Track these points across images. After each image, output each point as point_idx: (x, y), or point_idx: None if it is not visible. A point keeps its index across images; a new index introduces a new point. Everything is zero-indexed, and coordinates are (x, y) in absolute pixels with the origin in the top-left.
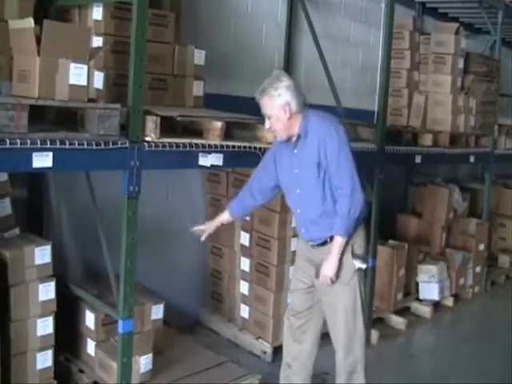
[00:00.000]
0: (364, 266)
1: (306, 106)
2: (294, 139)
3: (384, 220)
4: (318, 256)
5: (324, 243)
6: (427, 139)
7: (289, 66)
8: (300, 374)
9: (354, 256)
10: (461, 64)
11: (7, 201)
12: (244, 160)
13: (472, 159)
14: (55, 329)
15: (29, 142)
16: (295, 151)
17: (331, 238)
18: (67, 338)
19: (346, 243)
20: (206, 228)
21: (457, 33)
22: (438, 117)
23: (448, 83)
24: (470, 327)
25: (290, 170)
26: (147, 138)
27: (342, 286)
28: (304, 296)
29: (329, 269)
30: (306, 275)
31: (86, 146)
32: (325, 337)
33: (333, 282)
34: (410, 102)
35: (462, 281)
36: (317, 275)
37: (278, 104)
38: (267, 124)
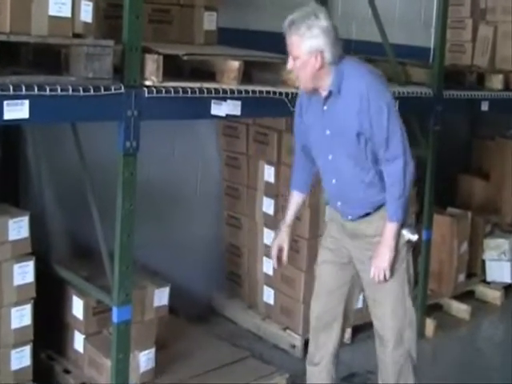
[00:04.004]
0: (415, 238)
1: (342, 55)
2: (323, 94)
3: (442, 182)
4: (356, 228)
5: (366, 215)
6: (496, 81)
7: None
8: (325, 370)
9: (404, 225)
10: None
11: None
12: (267, 108)
13: None
14: (34, 320)
15: None
16: (325, 108)
17: (374, 209)
18: (50, 331)
19: None
20: (281, 242)
21: None
22: (509, 53)
23: None
24: None
25: (320, 129)
26: (147, 82)
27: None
28: (336, 272)
29: (383, 261)
30: (342, 248)
31: (71, 92)
32: (362, 329)
33: (386, 279)
34: (475, 36)
35: None
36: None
37: (309, 48)
38: (290, 64)
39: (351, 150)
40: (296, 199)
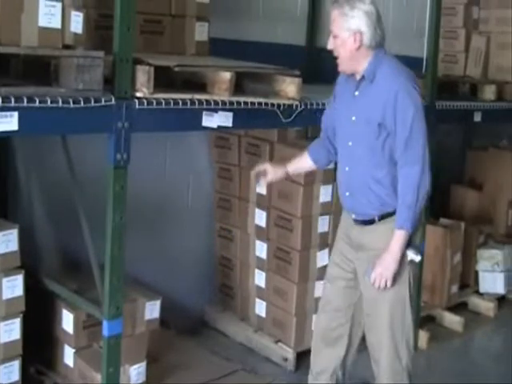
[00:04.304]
0: (419, 259)
1: (383, 47)
2: (357, 78)
3: (435, 193)
4: (360, 237)
5: (370, 222)
6: (489, 92)
7: (315, 2)
8: None
9: (407, 245)
10: None
11: None
12: (259, 120)
13: None
14: (24, 334)
15: None
16: (356, 93)
17: (381, 217)
18: (39, 345)
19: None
20: (270, 171)
21: None
22: (503, 63)
23: None
24: None
25: (347, 115)
26: (138, 94)
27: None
28: (343, 290)
29: (386, 269)
30: (347, 261)
31: (60, 104)
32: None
33: (387, 286)
34: (468, 46)
35: None
36: (366, 272)
37: (349, 27)
38: (330, 44)
39: (371, 141)
40: (305, 159)
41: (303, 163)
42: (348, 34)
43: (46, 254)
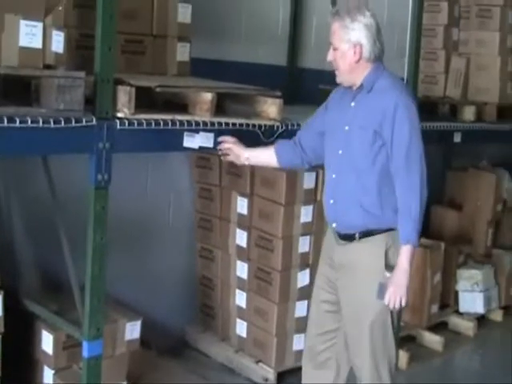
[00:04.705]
0: None
1: (381, 61)
2: (354, 88)
3: None
4: (342, 257)
5: (351, 238)
6: (469, 112)
7: (296, 23)
8: None
9: (388, 266)
10: None
11: None
12: (240, 140)
13: None
14: (2, 355)
15: None
16: (352, 104)
17: (362, 234)
18: (18, 366)
19: (379, 246)
20: (234, 144)
21: None
22: (482, 85)
23: (495, 42)
24: None
25: (340, 125)
26: (119, 114)
27: (371, 296)
28: (328, 313)
29: (399, 286)
30: (331, 283)
31: (41, 124)
32: None
33: (402, 305)
34: (448, 67)
35: None
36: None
37: (349, 39)
38: (330, 56)
39: (364, 148)
40: (269, 150)
41: (264, 152)
42: (348, 46)
43: (25, 274)
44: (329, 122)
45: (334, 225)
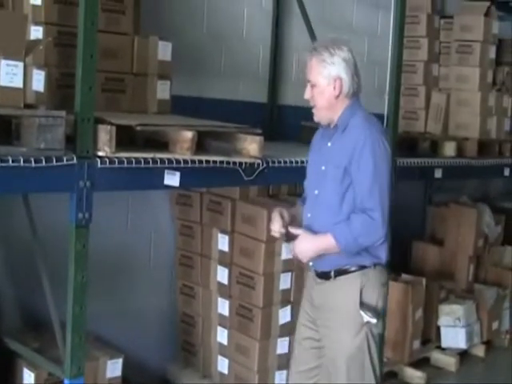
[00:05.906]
0: (374, 321)
1: (358, 97)
2: (332, 126)
3: (396, 249)
4: (319, 296)
5: (327, 276)
6: (450, 148)
7: (276, 60)
8: None
9: (363, 306)
10: (492, 54)
11: None
12: (221, 178)
13: (507, 172)
14: None
15: None
16: (329, 144)
17: (337, 272)
18: None
19: (353, 285)
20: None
21: (487, 14)
22: (462, 120)
23: (476, 78)
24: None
25: (317, 165)
26: (100, 153)
27: (346, 335)
28: (312, 350)
29: (304, 250)
30: (312, 320)
31: (22, 164)
32: None
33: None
34: (428, 103)
35: (495, 325)
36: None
37: (328, 74)
38: (308, 93)
39: (335, 186)
40: (298, 206)
41: (297, 209)
42: (327, 81)
43: (6, 311)
44: (310, 164)
45: (310, 263)
